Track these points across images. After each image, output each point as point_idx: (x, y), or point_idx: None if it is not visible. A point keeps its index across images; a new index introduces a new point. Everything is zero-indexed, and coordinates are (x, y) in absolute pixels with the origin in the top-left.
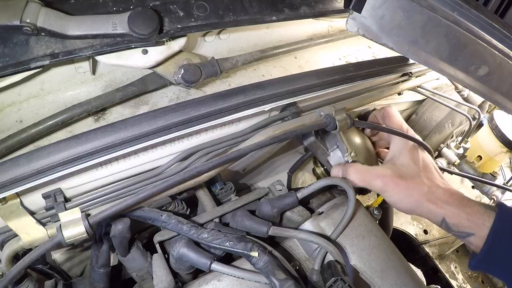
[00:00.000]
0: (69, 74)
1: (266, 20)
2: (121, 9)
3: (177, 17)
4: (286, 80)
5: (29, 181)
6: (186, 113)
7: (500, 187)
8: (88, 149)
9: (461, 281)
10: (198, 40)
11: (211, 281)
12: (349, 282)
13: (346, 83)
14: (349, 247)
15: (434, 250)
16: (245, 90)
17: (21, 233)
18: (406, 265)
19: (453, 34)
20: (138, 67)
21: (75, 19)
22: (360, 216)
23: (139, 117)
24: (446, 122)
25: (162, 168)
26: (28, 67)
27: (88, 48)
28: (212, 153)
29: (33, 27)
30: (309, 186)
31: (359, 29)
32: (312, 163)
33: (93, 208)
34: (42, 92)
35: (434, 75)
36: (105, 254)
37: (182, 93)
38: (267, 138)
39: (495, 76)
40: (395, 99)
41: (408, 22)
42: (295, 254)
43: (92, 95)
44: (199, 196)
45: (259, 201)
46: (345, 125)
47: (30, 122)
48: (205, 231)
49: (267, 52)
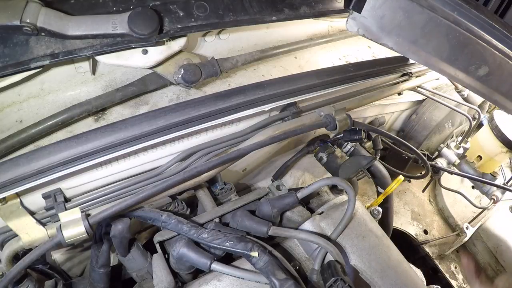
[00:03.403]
0: (69, 74)
1: (266, 20)
2: (121, 9)
3: (177, 17)
4: (286, 80)
5: (29, 181)
6: (186, 113)
7: (500, 187)
8: (88, 149)
9: (461, 281)
10: (198, 40)
11: (211, 281)
12: (349, 282)
13: (346, 83)
14: (349, 247)
15: (434, 250)
16: (245, 90)
17: (21, 233)
18: (406, 265)
19: (453, 34)
20: (138, 67)
21: (75, 19)
22: (360, 216)
23: (139, 117)
24: (446, 122)
25: (162, 168)
26: (28, 67)
27: (88, 48)
28: (212, 153)
29: (33, 27)
30: (309, 186)
31: (359, 29)
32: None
33: (93, 208)
34: (42, 92)
35: (434, 75)
36: (105, 254)
37: (182, 93)
38: (267, 138)
39: (495, 76)
40: (395, 99)
41: (408, 22)
42: (295, 254)
43: (92, 95)
44: (199, 196)
45: (259, 201)
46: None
47: (30, 122)
48: (205, 231)
49: (267, 52)
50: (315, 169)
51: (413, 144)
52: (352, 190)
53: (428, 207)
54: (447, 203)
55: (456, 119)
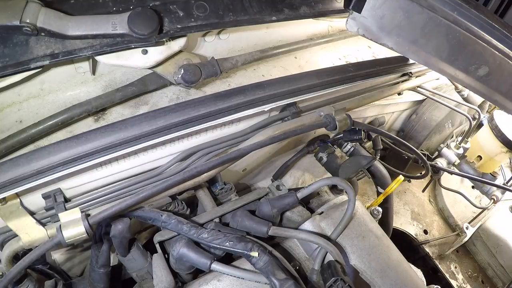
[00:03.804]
0: (69, 74)
1: (266, 20)
2: (121, 9)
3: (177, 17)
4: (286, 80)
5: (29, 181)
6: (186, 113)
7: (500, 187)
8: (88, 149)
9: (461, 281)
10: (198, 40)
11: (211, 281)
12: (349, 282)
13: (346, 83)
14: (349, 247)
15: (434, 250)
16: (245, 90)
17: (21, 233)
18: (406, 265)
19: (453, 34)
20: (138, 67)
21: (75, 19)
22: (360, 216)
23: (139, 117)
24: (446, 122)
25: (162, 168)
26: (28, 67)
27: (88, 48)
28: (212, 153)
29: (33, 27)
30: (309, 186)
31: (359, 29)
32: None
33: (93, 208)
34: (42, 92)
35: (434, 75)
36: (105, 254)
37: (182, 93)
38: (267, 138)
39: (495, 76)
40: (395, 99)
41: (408, 22)
42: (295, 254)
43: (92, 95)
44: (199, 196)
45: (259, 201)
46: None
47: (30, 122)
48: (205, 231)
49: (267, 52)
50: (315, 169)
51: (413, 144)
52: (352, 190)
53: (428, 207)
54: (447, 203)
55: (456, 119)
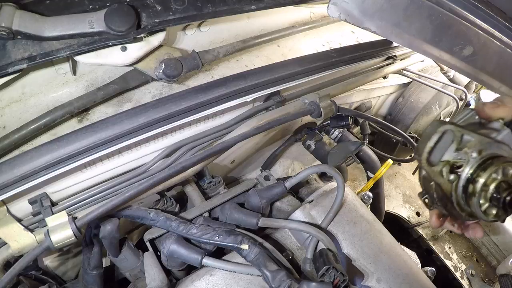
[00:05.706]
0: (50, 76)
1: (246, 10)
2: (97, 6)
3: (154, 11)
4: (268, 69)
5: (13, 187)
6: (167, 108)
7: None
8: (70, 151)
9: (456, 261)
10: (178, 33)
11: (203, 276)
12: (342, 270)
13: (330, 69)
14: (341, 234)
15: (428, 232)
16: (226, 82)
17: (10, 241)
18: (400, 249)
19: (436, 15)
20: (118, 64)
21: (51, 20)
22: (351, 202)
23: (120, 116)
24: (433, 104)
25: (147, 165)
26: (6, 72)
27: (66, 48)
28: (196, 147)
29: (8, 31)
30: (297, 175)
31: (340, 14)
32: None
33: (80, 210)
34: (23, 96)
35: (419, 57)
36: (97, 256)
37: (165, 88)
38: (252, 129)
39: (480, 56)
40: (381, 83)
41: (390, 5)
42: (287, 244)
43: (74, 96)
44: (187, 191)
45: (247, 193)
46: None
47: (13, 127)
48: (194, 227)
49: (249, 42)
50: (304, 157)
51: (401, 127)
52: (340, 176)
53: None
54: None
55: (443, 100)
